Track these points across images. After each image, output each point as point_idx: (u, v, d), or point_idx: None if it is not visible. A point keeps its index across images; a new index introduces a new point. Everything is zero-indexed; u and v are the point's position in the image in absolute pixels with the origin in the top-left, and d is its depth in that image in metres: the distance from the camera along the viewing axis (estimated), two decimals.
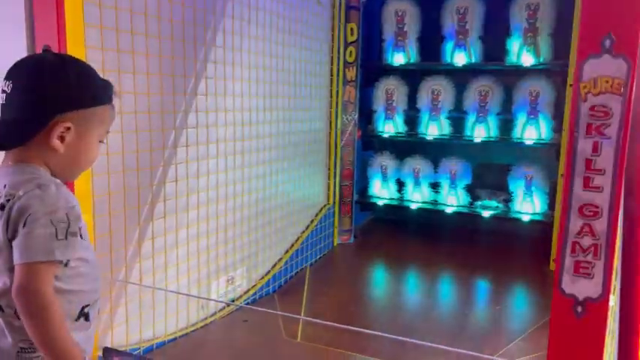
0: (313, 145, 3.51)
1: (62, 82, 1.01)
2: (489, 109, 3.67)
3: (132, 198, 2.09)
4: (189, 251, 2.42)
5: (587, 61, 1.09)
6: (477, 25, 3.63)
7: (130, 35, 1.99)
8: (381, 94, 3.95)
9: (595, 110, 1.08)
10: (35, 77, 1.01)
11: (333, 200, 3.80)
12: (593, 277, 1.11)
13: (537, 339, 2.43)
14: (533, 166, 3.59)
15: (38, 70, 1.01)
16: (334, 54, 3.62)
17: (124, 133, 2.00)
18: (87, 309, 1.09)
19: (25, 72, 1.02)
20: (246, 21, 2.67)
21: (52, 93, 1.00)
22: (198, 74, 2.38)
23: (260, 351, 2.34)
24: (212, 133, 2.50)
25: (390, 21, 3.84)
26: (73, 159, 1.06)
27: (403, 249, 3.84)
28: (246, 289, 2.88)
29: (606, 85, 1.07)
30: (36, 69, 1.02)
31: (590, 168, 1.10)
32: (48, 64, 1.02)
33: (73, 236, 0.98)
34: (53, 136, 1.01)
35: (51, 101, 1.00)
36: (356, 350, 2.32)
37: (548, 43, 3.45)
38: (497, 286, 3.25)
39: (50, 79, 1.00)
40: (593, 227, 1.10)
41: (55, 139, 1.01)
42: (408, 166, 3.97)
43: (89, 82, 1.06)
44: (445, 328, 2.65)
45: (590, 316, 1.12)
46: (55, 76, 1.01)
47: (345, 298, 2.99)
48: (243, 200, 2.77)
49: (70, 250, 0.99)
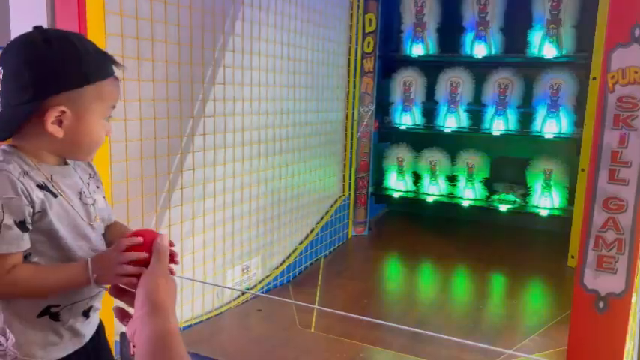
0: (330, 136, 3.50)
1: (48, 64, 0.94)
2: (509, 102, 3.61)
3: (149, 185, 2.10)
4: (205, 239, 2.44)
5: (616, 50, 1.05)
6: (498, 16, 3.57)
7: (150, 22, 1.99)
8: (399, 85, 3.91)
9: (623, 101, 1.05)
10: (20, 62, 0.95)
11: (349, 192, 3.79)
12: (616, 272, 1.09)
13: (554, 335, 2.40)
14: (552, 161, 3.53)
15: (22, 53, 0.96)
16: (352, 44, 3.59)
17: (142, 121, 2.01)
18: (56, 309, 1.02)
19: (10, 56, 0.97)
20: (264, 10, 2.65)
21: (38, 77, 0.94)
22: (216, 62, 2.38)
23: (274, 340, 2.35)
24: (229, 122, 2.50)
25: (409, 11, 3.79)
26: (76, 142, 1.00)
27: (418, 242, 3.82)
28: (261, 278, 2.89)
29: (635, 75, 1.03)
30: (20, 52, 0.96)
31: (615, 160, 1.07)
32: (32, 46, 0.95)
33: (6, 229, 0.92)
34: (48, 121, 0.95)
35: (38, 86, 0.94)
36: (369, 341, 2.31)
37: (571, 35, 3.38)
38: (513, 281, 3.21)
39: (35, 62, 0.94)
40: (617, 221, 1.08)
41: (50, 124, 0.95)
42: (424, 159, 3.93)
43: (78, 59, 0.96)
44: (459, 322, 2.63)
45: (612, 311, 1.10)
46: (40, 59, 0.95)
47: (359, 290, 2.99)
48: (259, 190, 2.77)
49: (3, 244, 0.93)
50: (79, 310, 1.07)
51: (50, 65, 0.94)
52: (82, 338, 1.10)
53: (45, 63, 0.94)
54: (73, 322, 1.06)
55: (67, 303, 1.04)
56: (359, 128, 3.76)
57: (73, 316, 1.06)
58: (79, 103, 0.97)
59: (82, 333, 1.09)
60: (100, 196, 1.14)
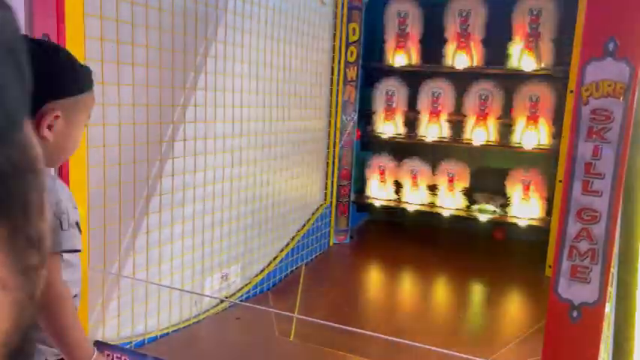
0: (312, 144, 3.50)
1: (49, 71, 1.01)
2: (489, 113, 3.66)
3: (127, 191, 2.07)
4: (184, 246, 2.41)
5: (590, 63, 1.08)
6: (480, 28, 3.62)
7: (131, 26, 1.97)
8: (381, 94, 3.94)
9: (596, 114, 1.07)
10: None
11: (330, 200, 3.79)
12: (589, 282, 1.10)
13: (531, 344, 2.42)
14: (531, 172, 3.58)
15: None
16: (335, 53, 3.61)
17: (121, 125, 1.98)
18: None
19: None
20: (247, 16, 2.65)
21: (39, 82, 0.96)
22: (197, 68, 2.37)
23: (252, 349, 2.32)
24: (210, 128, 2.48)
25: (392, 22, 3.83)
26: (61, 146, 1.07)
27: (399, 250, 3.83)
28: (240, 286, 2.86)
29: (608, 88, 1.06)
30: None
31: (589, 172, 1.09)
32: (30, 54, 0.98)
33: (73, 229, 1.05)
34: (43, 125, 1.01)
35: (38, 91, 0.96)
36: (349, 350, 2.30)
37: (550, 49, 3.44)
38: (492, 290, 3.24)
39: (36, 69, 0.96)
40: (590, 231, 1.10)
41: (45, 128, 1.02)
42: (406, 168, 3.96)
43: (74, 69, 1.07)
44: (439, 331, 2.64)
45: (585, 321, 1.11)
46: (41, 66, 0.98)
47: (340, 299, 2.98)
48: (239, 197, 2.75)
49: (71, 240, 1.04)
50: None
51: (52, 72, 1.03)
52: None
53: (48, 70, 1.02)
54: None
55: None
56: (341, 137, 3.77)
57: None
58: (72, 110, 1.05)
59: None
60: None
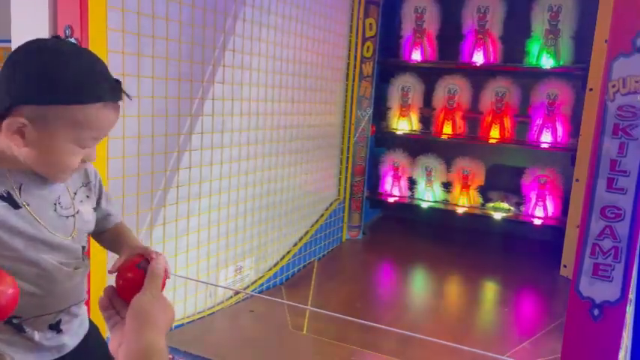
0: (327, 139, 3.50)
1: (22, 73, 0.88)
2: (506, 111, 3.63)
3: (145, 182, 2.09)
4: (200, 238, 2.42)
5: (617, 59, 1.06)
6: (498, 24, 3.59)
7: (151, 19, 1.98)
8: (397, 90, 3.92)
9: (623, 110, 1.06)
10: (5, 65, 0.91)
11: (344, 195, 3.79)
12: (612, 281, 1.09)
13: (545, 343, 2.41)
14: (547, 170, 3.55)
15: (11, 57, 0.92)
16: (352, 48, 3.60)
17: (140, 118, 2.00)
18: (17, 321, 0.97)
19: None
20: (265, 11, 2.66)
21: (7, 83, 0.89)
22: (216, 61, 2.38)
23: (266, 342, 2.34)
24: (227, 121, 2.49)
25: (409, 17, 3.81)
26: (41, 159, 0.93)
27: (412, 247, 3.82)
28: (254, 279, 2.88)
29: (636, 84, 1.04)
30: (11, 57, 0.92)
31: (614, 169, 1.08)
32: (23, 52, 0.91)
33: None
34: (8, 129, 0.89)
35: (2, 92, 0.89)
36: (361, 345, 2.31)
37: (569, 46, 3.40)
38: (506, 288, 3.22)
39: (14, 68, 0.90)
40: (614, 229, 1.08)
41: (9, 132, 0.89)
42: (420, 165, 3.94)
43: (58, 75, 0.88)
44: (451, 328, 2.63)
45: (607, 320, 1.10)
46: (20, 65, 0.90)
47: (352, 294, 2.98)
48: (254, 190, 2.77)
49: None
50: (44, 324, 1.02)
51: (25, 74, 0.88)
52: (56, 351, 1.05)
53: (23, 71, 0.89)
54: (40, 337, 1.01)
55: (29, 316, 0.98)
56: (356, 132, 3.77)
57: (38, 329, 1.01)
58: (43, 121, 0.89)
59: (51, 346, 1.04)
60: (89, 206, 1.09)
